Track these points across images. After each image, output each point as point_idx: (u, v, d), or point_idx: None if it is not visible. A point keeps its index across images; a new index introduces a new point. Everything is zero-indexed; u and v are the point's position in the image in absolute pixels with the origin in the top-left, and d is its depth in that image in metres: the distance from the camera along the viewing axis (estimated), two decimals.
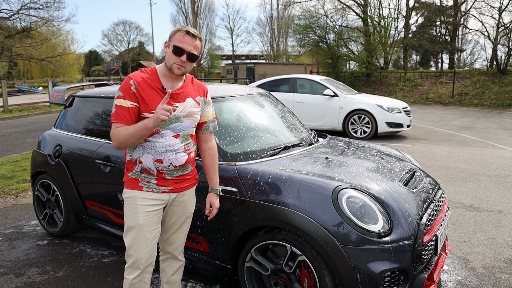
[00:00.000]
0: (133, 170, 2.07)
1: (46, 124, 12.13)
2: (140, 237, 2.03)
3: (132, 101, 1.95)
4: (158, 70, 2.05)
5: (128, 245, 2.06)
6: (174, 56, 1.95)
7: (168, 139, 2.02)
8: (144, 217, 2.03)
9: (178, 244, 2.28)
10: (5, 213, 4.54)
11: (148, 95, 1.97)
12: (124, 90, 1.96)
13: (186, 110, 2.05)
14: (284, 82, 9.70)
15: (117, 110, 1.95)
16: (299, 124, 3.46)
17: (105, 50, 57.44)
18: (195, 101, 2.10)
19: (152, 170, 2.04)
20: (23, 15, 21.70)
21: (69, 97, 3.83)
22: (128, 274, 2.08)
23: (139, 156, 2.03)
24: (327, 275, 2.11)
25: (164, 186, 2.07)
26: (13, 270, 3.16)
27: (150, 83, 1.99)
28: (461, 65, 37.38)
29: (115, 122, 1.95)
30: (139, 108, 1.97)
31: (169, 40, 1.99)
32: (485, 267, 3.09)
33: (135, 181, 2.06)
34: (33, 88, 28.40)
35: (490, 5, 19.86)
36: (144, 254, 2.05)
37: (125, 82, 1.98)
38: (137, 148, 2.03)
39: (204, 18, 39.72)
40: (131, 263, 2.06)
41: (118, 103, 1.96)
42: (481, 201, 4.59)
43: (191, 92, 2.11)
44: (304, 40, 24.37)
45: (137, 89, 1.96)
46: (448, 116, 12.91)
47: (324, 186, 2.20)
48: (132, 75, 2.00)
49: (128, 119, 1.94)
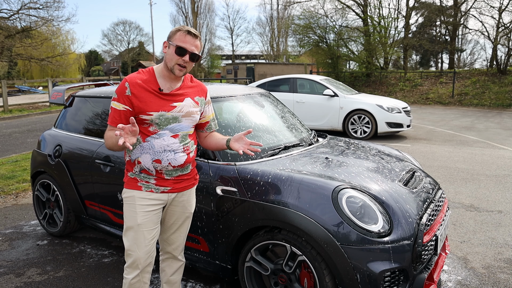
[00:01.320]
0: (133, 170, 2.07)
1: (46, 124, 12.13)
2: (139, 236, 2.03)
3: (124, 104, 1.95)
4: (156, 71, 2.04)
5: (127, 244, 2.06)
6: (177, 56, 1.94)
7: (167, 139, 2.01)
8: (142, 217, 2.03)
9: (178, 244, 2.28)
10: (5, 213, 4.54)
11: (144, 97, 1.96)
12: (119, 92, 1.97)
13: (184, 110, 2.05)
14: (284, 82, 9.70)
15: (111, 112, 1.99)
16: (299, 124, 3.46)
17: (105, 50, 57.49)
18: (193, 101, 2.10)
19: (151, 170, 2.04)
20: (23, 15, 21.75)
21: (69, 97, 3.83)
22: (127, 274, 2.08)
23: (138, 156, 2.03)
24: (327, 275, 2.11)
25: (163, 186, 2.07)
26: (13, 270, 3.16)
27: (146, 84, 1.98)
28: (461, 65, 37.38)
29: (108, 124, 2.00)
30: (135, 111, 1.96)
31: (169, 40, 1.97)
32: (485, 267, 3.09)
33: (134, 181, 2.06)
34: (33, 88, 28.39)
35: (490, 5, 19.89)
36: (143, 254, 2.04)
37: (120, 85, 1.99)
38: (135, 148, 2.03)
39: (204, 18, 39.79)
40: (130, 263, 2.06)
41: (113, 105, 1.98)
42: (481, 201, 4.59)
43: (190, 92, 2.10)
44: (304, 40, 24.36)
45: (132, 92, 1.95)
46: (448, 116, 12.91)
47: (324, 186, 2.20)
48: (128, 78, 2.00)
49: (119, 122, 1.96)
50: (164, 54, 2.02)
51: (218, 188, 2.46)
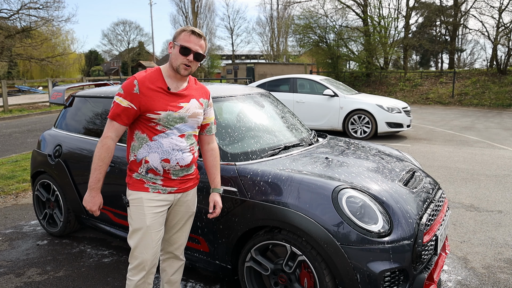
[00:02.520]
0: (138, 171, 2.04)
1: (46, 124, 12.13)
2: (147, 238, 2.03)
3: (129, 102, 1.94)
4: (162, 71, 2.04)
5: (134, 246, 2.05)
6: (181, 56, 1.95)
7: (175, 138, 2.02)
8: (151, 219, 2.02)
9: (180, 243, 2.28)
10: (5, 213, 4.54)
11: (152, 96, 1.96)
12: (126, 89, 1.96)
13: (191, 111, 2.06)
14: (284, 82, 9.70)
15: (114, 106, 1.98)
16: (299, 124, 3.46)
17: (105, 50, 57.49)
18: (199, 103, 2.11)
19: (159, 170, 2.02)
20: (23, 15, 21.75)
21: (69, 97, 3.83)
22: (133, 275, 2.07)
23: (145, 155, 2.01)
24: (327, 275, 2.11)
25: (170, 186, 2.07)
26: (13, 270, 3.16)
27: (155, 83, 1.99)
28: (461, 65, 37.38)
29: (108, 118, 2.00)
30: (141, 109, 1.96)
31: (174, 40, 1.98)
32: (485, 267, 3.09)
33: (140, 182, 2.04)
34: (33, 88, 28.39)
35: (490, 5, 19.93)
36: (150, 255, 2.05)
37: (129, 82, 1.98)
38: (142, 147, 2.01)
39: (204, 18, 39.81)
40: (136, 265, 2.06)
41: (116, 100, 1.97)
42: (481, 201, 4.59)
43: (195, 94, 2.12)
44: (304, 40, 24.36)
45: (140, 91, 1.95)
46: (448, 116, 12.91)
47: (324, 186, 2.20)
48: (137, 76, 2.00)
49: (119, 118, 1.96)
50: (169, 54, 2.03)
51: None
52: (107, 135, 1.97)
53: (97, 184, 1.98)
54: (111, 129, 1.98)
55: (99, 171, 1.96)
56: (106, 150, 1.96)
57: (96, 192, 1.99)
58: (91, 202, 2.00)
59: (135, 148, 2.03)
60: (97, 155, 1.96)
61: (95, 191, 1.99)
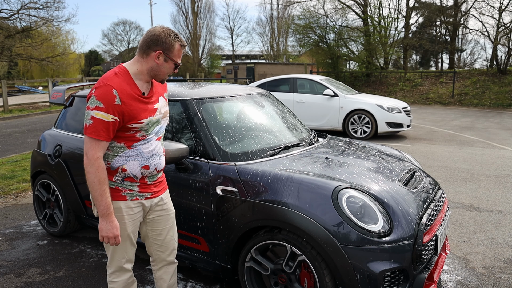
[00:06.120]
0: (113, 179, 1.92)
1: (46, 124, 12.13)
2: (127, 244, 2.03)
3: (114, 115, 1.77)
4: (131, 73, 1.87)
5: (113, 252, 2.02)
6: (172, 69, 1.90)
7: (153, 143, 1.98)
8: (132, 226, 2.01)
9: (172, 248, 2.24)
10: (5, 213, 4.54)
11: (133, 104, 1.84)
12: (107, 101, 1.75)
13: (162, 110, 2.01)
14: (284, 82, 9.70)
15: (96, 123, 1.75)
16: (299, 124, 3.46)
17: (105, 50, 57.45)
18: (164, 99, 2.06)
19: (137, 177, 1.95)
20: (23, 15, 21.73)
21: (69, 97, 3.83)
22: (118, 277, 2.06)
23: (122, 163, 1.90)
24: (327, 275, 2.11)
25: (146, 192, 2.02)
26: (13, 270, 3.16)
27: (132, 89, 1.85)
28: (461, 65, 37.37)
29: (91, 137, 1.77)
30: (124, 120, 1.82)
31: (165, 52, 1.84)
32: (485, 267, 3.09)
33: (117, 191, 1.94)
34: (33, 88, 28.41)
35: (490, 5, 19.91)
36: (131, 256, 2.07)
37: (107, 92, 1.75)
38: (118, 155, 1.89)
39: (204, 18, 39.79)
40: (117, 268, 2.05)
41: (97, 116, 1.74)
42: (481, 201, 4.59)
43: (160, 90, 2.04)
44: (304, 40, 24.38)
45: (122, 101, 1.78)
46: (448, 116, 12.91)
47: (324, 186, 2.20)
48: (113, 83, 1.78)
49: (106, 136, 1.79)
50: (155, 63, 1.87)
51: (218, 188, 2.46)
52: (97, 156, 1.79)
53: (109, 209, 1.83)
54: (98, 148, 1.79)
55: (106, 196, 1.82)
56: (102, 171, 1.81)
57: (111, 216, 1.84)
58: (112, 228, 1.84)
59: (108, 156, 1.90)
60: (96, 180, 1.80)
61: (111, 216, 1.84)
